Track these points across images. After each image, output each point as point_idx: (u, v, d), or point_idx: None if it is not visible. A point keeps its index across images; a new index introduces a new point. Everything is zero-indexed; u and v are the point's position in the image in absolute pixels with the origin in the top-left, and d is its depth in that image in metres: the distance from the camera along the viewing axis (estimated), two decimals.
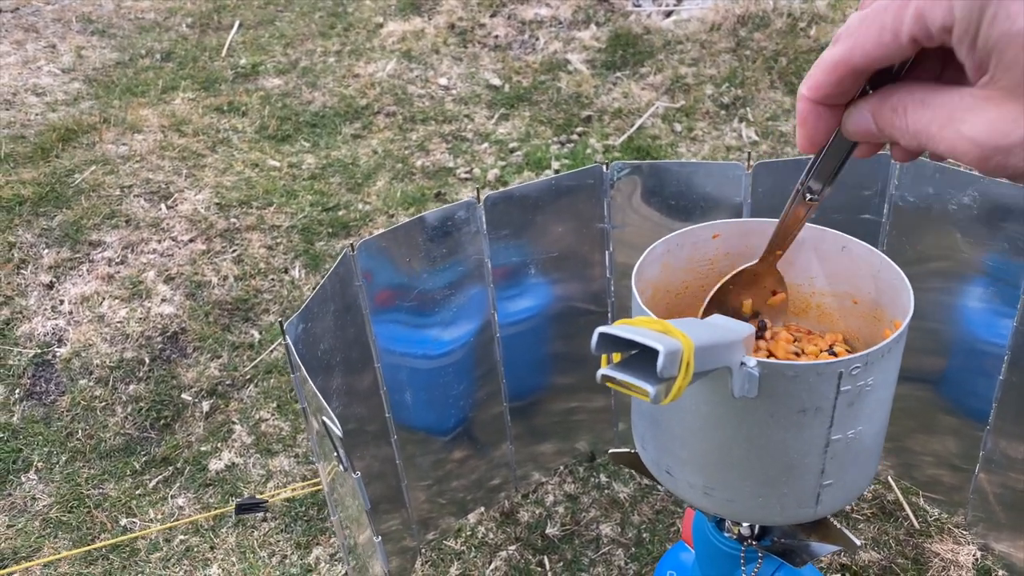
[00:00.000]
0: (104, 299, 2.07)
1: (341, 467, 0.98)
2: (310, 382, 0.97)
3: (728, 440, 0.81)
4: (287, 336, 1.02)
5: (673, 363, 0.56)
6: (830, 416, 0.78)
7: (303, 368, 0.99)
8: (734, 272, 0.91)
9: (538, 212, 1.38)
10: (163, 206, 2.37)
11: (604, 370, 0.59)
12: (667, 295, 1.02)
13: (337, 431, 0.91)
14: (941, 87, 0.38)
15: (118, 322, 2.02)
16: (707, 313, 0.90)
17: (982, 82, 0.35)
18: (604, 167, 1.37)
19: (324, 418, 0.93)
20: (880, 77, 0.42)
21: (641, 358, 0.59)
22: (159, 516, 1.65)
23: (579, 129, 2.77)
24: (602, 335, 0.59)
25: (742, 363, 0.72)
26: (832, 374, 0.76)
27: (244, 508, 1.40)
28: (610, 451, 1.11)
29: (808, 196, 0.65)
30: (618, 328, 0.58)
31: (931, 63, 0.41)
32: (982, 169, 0.36)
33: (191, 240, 2.25)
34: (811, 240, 0.99)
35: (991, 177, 0.36)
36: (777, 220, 0.78)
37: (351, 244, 1.20)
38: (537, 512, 1.61)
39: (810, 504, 0.85)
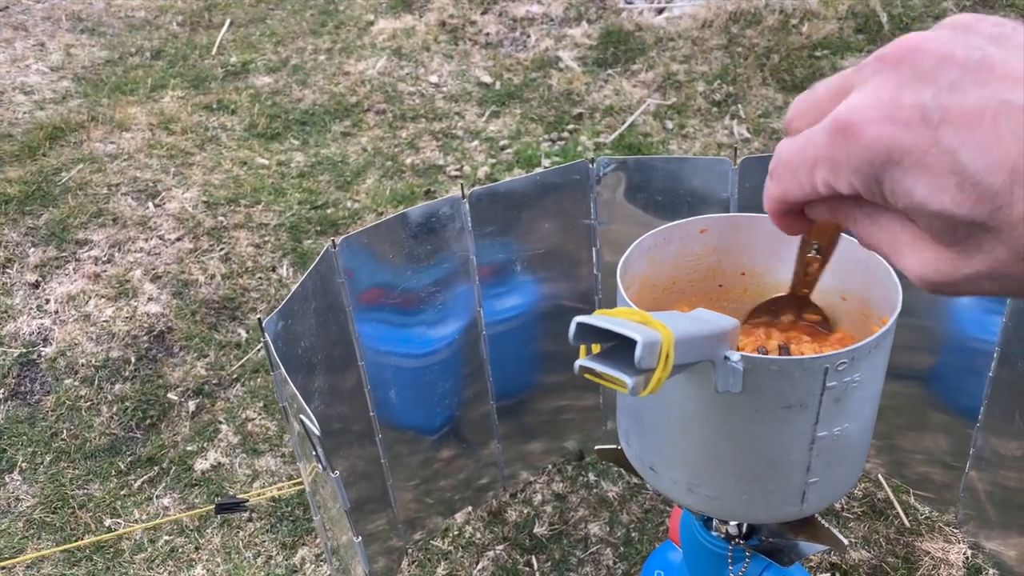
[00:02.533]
0: (90, 298, 2.05)
1: (320, 467, 0.97)
2: (289, 381, 0.96)
3: (712, 436, 0.80)
4: (266, 333, 1.01)
5: (652, 354, 0.55)
6: (816, 412, 0.77)
7: (282, 366, 0.97)
8: (767, 300, 0.90)
9: (524, 208, 1.36)
10: (150, 204, 2.35)
11: (582, 360, 0.58)
12: (654, 290, 1.00)
13: (315, 430, 0.89)
14: (884, 210, 0.38)
15: (104, 321, 2.00)
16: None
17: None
18: (590, 163, 1.36)
19: (302, 416, 0.92)
20: None
21: (620, 349, 0.58)
22: (144, 516, 1.63)
23: (570, 126, 2.75)
24: (580, 325, 0.57)
25: (726, 357, 0.70)
26: (818, 369, 0.74)
27: (224, 508, 1.39)
28: (596, 447, 1.10)
29: (812, 252, 0.64)
30: (596, 318, 0.57)
31: None
32: (937, 294, 0.37)
33: (178, 239, 2.24)
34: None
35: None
36: (765, 215, 0.76)
37: (332, 240, 1.19)
38: (525, 511, 1.60)
39: (796, 502, 0.84)
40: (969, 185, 0.31)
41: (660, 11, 3.25)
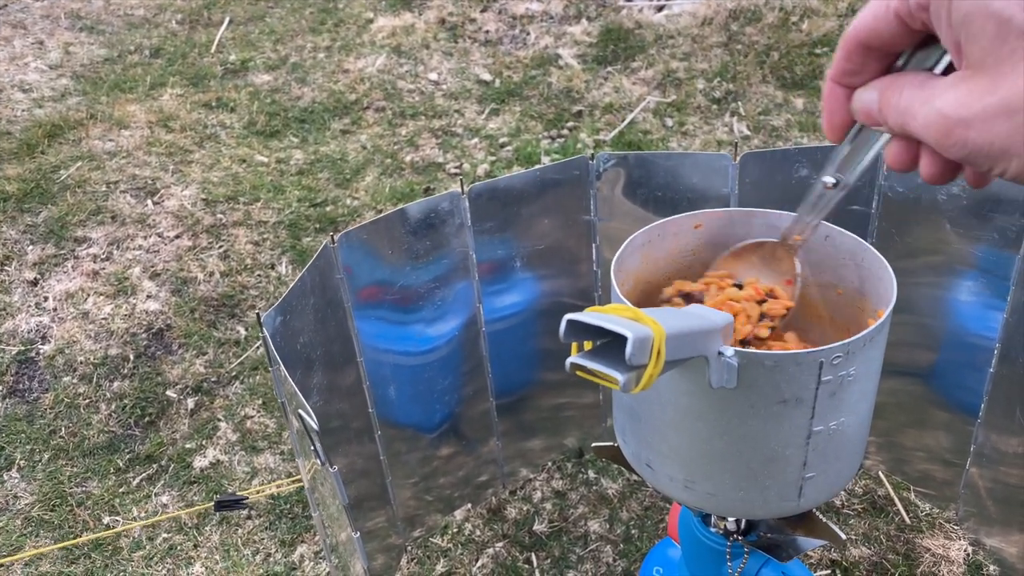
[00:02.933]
0: (89, 296, 2.05)
1: (319, 463, 0.96)
2: (287, 376, 0.95)
3: (708, 432, 0.80)
4: (264, 329, 1.00)
5: (642, 350, 0.55)
6: (811, 407, 0.77)
7: (280, 363, 0.97)
8: (758, 240, 0.89)
9: (523, 204, 1.36)
10: (149, 202, 2.35)
11: (573, 358, 0.58)
12: (648, 286, 1.00)
13: (313, 425, 0.89)
14: (941, 76, 0.39)
15: (103, 319, 2.00)
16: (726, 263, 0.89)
17: (964, 58, 0.36)
18: (590, 159, 1.35)
19: (300, 411, 0.92)
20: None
21: (612, 346, 0.57)
22: (143, 514, 1.63)
23: (570, 124, 2.75)
24: (571, 322, 0.57)
25: (720, 352, 0.70)
26: (812, 363, 0.74)
27: (224, 505, 1.38)
28: (593, 445, 1.10)
29: (832, 183, 0.64)
30: (587, 315, 0.57)
31: None
32: (945, 145, 0.36)
33: (177, 236, 2.23)
34: None
35: (957, 158, 0.37)
36: (758, 210, 0.76)
37: (331, 236, 1.19)
38: (525, 509, 1.60)
39: (792, 497, 0.84)
40: None
41: (660, 8, 3.25)
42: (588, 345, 0.60)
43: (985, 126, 0.34)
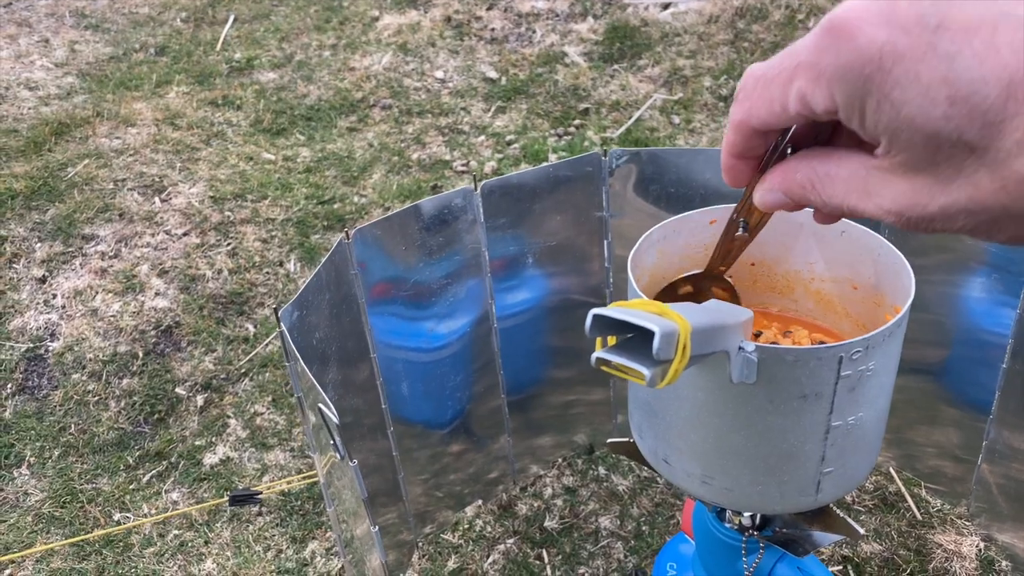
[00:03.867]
0: (97, 293, 2.06)
1: (337, 456, 0.97)
2: (307, 371, 0.96)
3: (726, 427, 0.80)
4: (282, 324, 1.01)
5: (669, 345, 0.55)
6: (830, 402, 0.77)
7: (299, 357, 0.97)
8: (682, 277, 0.88)
9: (536, 200, 1.36)
10: (157, 199, 2.35)
11: (599, 353, 0.58)
12: (664, 282, 1.00)
13: (334, 418, 0.89)
14: (843, 154, 0.38)
15: (111, 316, 2.00)
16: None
17: (880, 152, 0.34)
18: (603, 155, 1.35)
19: (320, 405, 0.92)
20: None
21: (637, 341, 0.57)
22: (153, 511, 1.63)
23: (576, 122, 2.75)
24: (596, 317, 0.57)
25: (740, 348, 0.70)
26: (832, 358, 0.74)
27: (238, 499, 1.39)
28: (608, 441, 1.10)
29: (740, 231, 0.65)
30: (613, 310, 0.56)
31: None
32: (912, 232, 0.36)
33: (185, 233, 2.24)
34: (810, 225, 0.97)
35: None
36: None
37: (346, 232, 1.19)
38: (535, 505, 1.60)
39: (810, 492, 0.84)
40: (961, 98, 0.30)
41: (666, 6, 3.24)
42: (612, 340, 0.60)
43: (948, 222, 0.33)
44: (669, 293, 0.85)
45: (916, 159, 0.33)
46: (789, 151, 0.43)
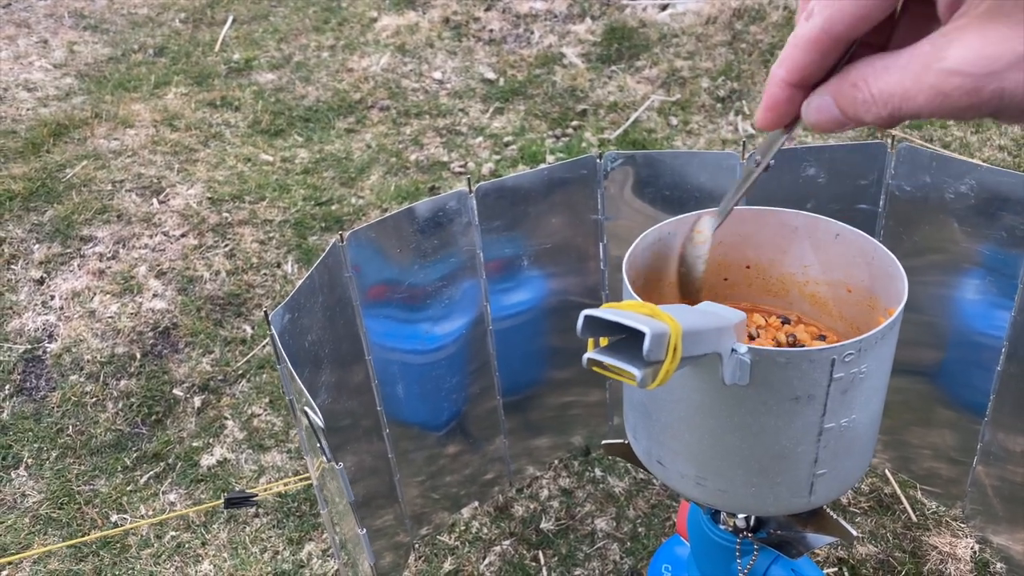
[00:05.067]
0: (95, 294, 2.06)
1: (325, 460, 0.97)
2: (295, 374, 0.96)
3: (720, 429, 0.80)
4: (272, 327, 1.01)
5: (660, 346, 0.55)
6: (823, 404, 0.77)
7: (287, 360, 0.97)
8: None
9: (531, 203, 1.36)
10: (155, 201, 2.36)
11: (590, 353, 0.58)
12: (659, 284, 1.00)
13: (319, 421, 0.89)
14: (906, 48, 0.35)
15: (109, 317, 2.00)
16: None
17: (958, 14, 0.33)
18: (598, 157, 1.35)
19: (306, 408, 0.92)
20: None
21: (628, 342, 0.57)
22: (150, 512, 1.64)
23: (574, 123, 2.75)
24: (588, 318, 0.57)
25: (733, 350, 0.70)
26: (825, 361, 0.74)
27: (233, 502, 1.39)
28: (603, 442, 1.10)
29: (757, 168, 0.67)
30: (604, 311, 0.57)
31: (906, 36, 0.39)
32: (974, 105, 0.32)
33: (183, 235, 2.24)
34: (805, 228, 0.98)
35: (985, 115, 0.33)
36: (769, 208, 0.76)
37: (340, 235, 1.19)
38: (532, 507, 1.60)
39: (803, 494, 0.84)
40: None
41: (664, 7, 3.25)
42: (604, 341, 0.60)
43: (1013, 78, 0.31)
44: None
45: (995, 3, 0.31)
46: None
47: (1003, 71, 0.31)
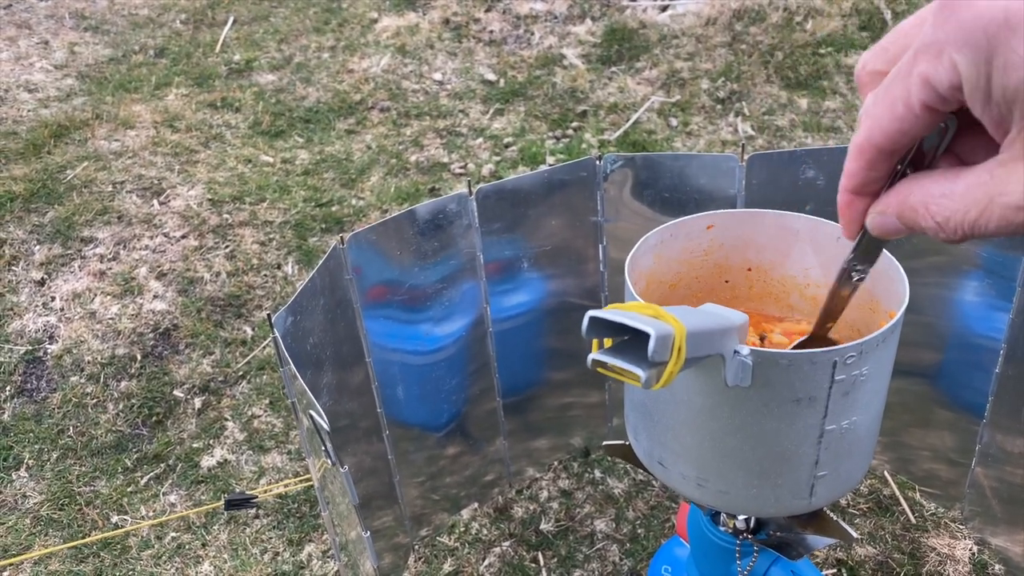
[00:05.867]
0: (96, 295, 2.06)
1: (329, 462, 0.97)
2: (299, 376, 0.96)
3: (721, 430, 0.80)
4: (275, 329, 1.01)
5: (664, 347, 0.55)
6: (824, 406, 0.77)
7: (291, 362, 0.98)
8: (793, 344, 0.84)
9: (531, 205, 1.37)
10: (155, 202, 2.36)
11: (595, 355, 0.58)
12: (661, 286, 1.01)
13: (324, 425, 0.90)
14: (960, 171, 0.36)
15: (110, 319, 2.01)
16: None
17: (1008, 140, 0.33)
18: (597, 160, 1.36)
19: (311, 412, 0.92)
20: (919, 159, 0.40)
21: (632, 343, 0.58)
22: (151, 513, 1.64)
23: (574, 124, 2.76)
24: (593, 319, 0.57)
25: (736, 351, 0.71)
26: (827, 363, 0.75)
27: (233, 503, 1.39)
28: (604, 443, 1.10)
29: (855, 276, 0.61)
30: (609, 312, 0.57)
31: (971, 137, 0.39)
32: None
33: (183, 236, 2.24)
34: (806, 231, 0.98)
35: None
36: (770, 211, 0.76)
37: (341, 237, 1.19)
38: (531, 508, 1.60)
39: (804, 495, 0.84)
40: None
41: (664, 8, 3.25)
42: (608, 342, 0.61)
43: None
44: None
45: None
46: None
47: None
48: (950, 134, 0.39)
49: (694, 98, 2.82)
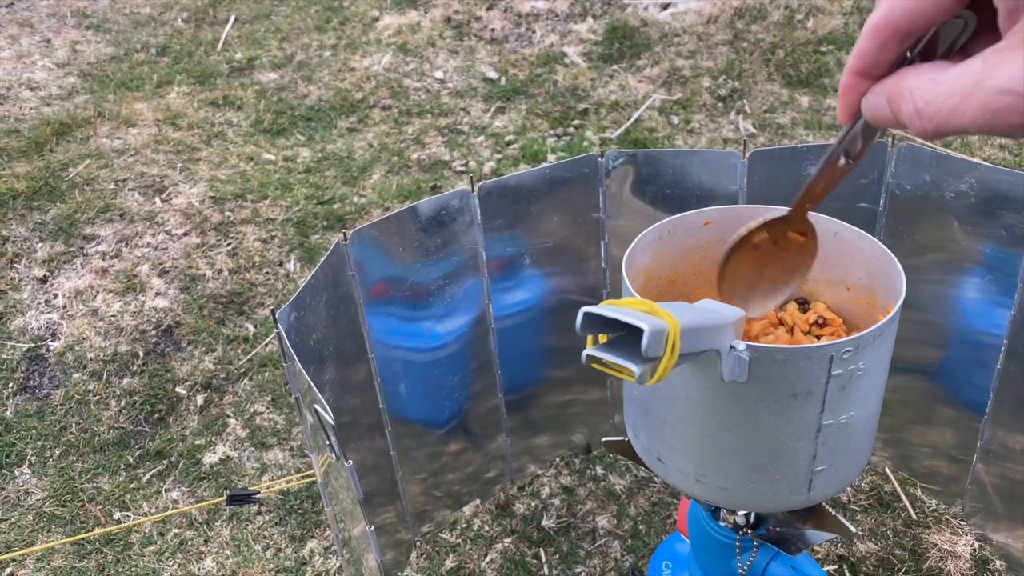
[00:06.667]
0: (98, 293, 2.06)
1: (334, 457, 0.97)
2: (303, 372, 0.96)
3: (719, 426, 0.81)
4: (279, 325, 1.01)
5: (658, 343, 0.56)
6: (821, 401, 0.78)
7: (295, 358, 0.98)
8: (760, 222, 0.78)
9: (533, 202, 1.37)
10: (157, 200, 2.36)
11: (589, 350, 0.58)
12: (659, 282, 1.01)
13: (329, 419, 0.90)
14: (955, 63, 0.35)
15: (112, 316, 2.01)
16: (726, 263, 0.78)
17: (1014, 30, 0.33)
18: (599, 156, 1.36)
19: (316, 406, 0.93)
20: (930, 52, 0.40)
21: (627, 339, 0.58)
22: (153, 510, 1.64)
23: (576, 122, 2.76)
24: (587, 315, 0.58)
25: (732, 347, 0.71)
26: (823, 358, 0.75)
27: (236, 499, 1.40)
28: (604, 440, 1.11)
29: (843, 160, 0.61)
30: (603, 308, 0.57)
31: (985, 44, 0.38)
32: (1007, 127, 0.33)
33: (185, 234, 2.25)
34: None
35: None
36: (768, 207, 0.76)
37: (344, 233, 1.20)
38: (533, 504, 1.60)
39: (802, 490, 0.84)
40: None
41: (665, 6, 3.25)
42: (603, 338, 0.61)
43: None
44: (744, 245, 0.77)
45: None
46: None
47: None
48: (968, 32, 0.39)
49: (695, 96, 2.82)
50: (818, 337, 0.94)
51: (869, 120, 0.42)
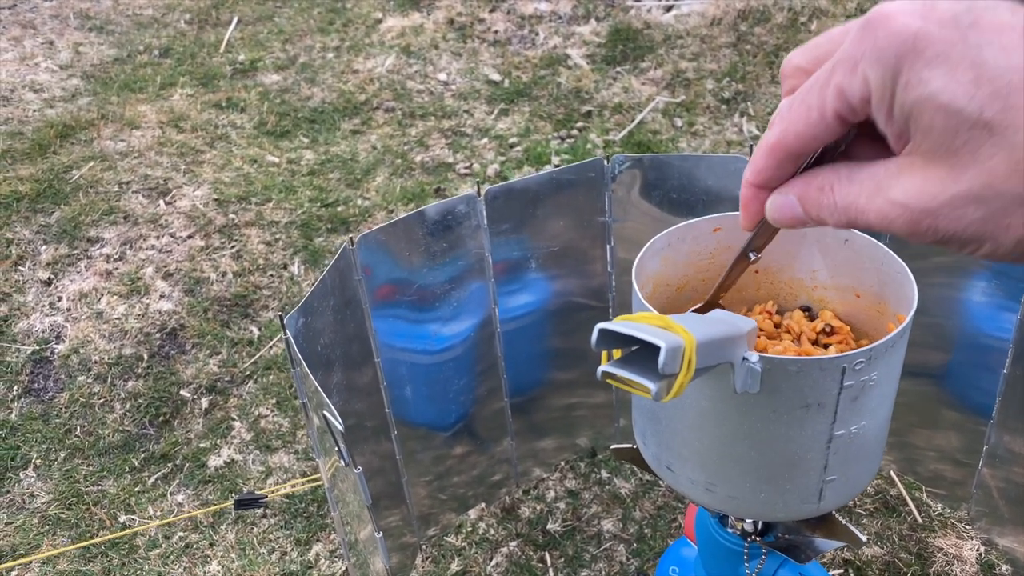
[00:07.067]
0: (102, 295, 2.06)
1: (342, 462, 0.97)
2: (311, 377, 0.96)
3: (730, 436, 0.81)
4: (287, 330, 1.01)
5: (675, 360, 0.55)
6: (833, 411, 0.77)
7: (304, 363, 0.98)
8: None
9: (539, 206, 1.37)
10: (161, 202, 2.36)
11: (605, 367, 0.58)
12: (668, 289, 1.01)
13: (338, 425, 0.90)
14: (868, 163, 0.38)
15: (116, 319, 2.01)
16: None
17: (906, 151, 0.36)
18: (605, 160, 1.36)
19: (325, 412, 0.93)
20: (820, 159, 0.43)
21: (642, 354, 0.58)
22: (158, 513, 1.64)
23: (579, 124, 2.76)
24: (602, 331, 0.58)
25: (744, 358, 0.71)
26: (835, 369, 0.75)
27: (243, 503, 1.40)
28: (612, 447, 1.10)
29: (751, 257, 0.66)
30: (619, 324, 0.57)
31: (865, 146, 0.42)
32: (913, 234, 0.36)
33: (189, 236, 2.25)
34: (813, 233, 0.98)
35: (927, 243, 0.37)
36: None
37: (351, 238, 1.19)
38: (538, 508, 1.61)
39: (813, 500, 0.84)
40: (986, 79, 0.32)
41: (669, 9, 3.25)
42: (617, 353, 0.61)
43: (955, 215, 0.34)
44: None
45: (935, 146, 0.34)
46: None
47: (938, 210, 0.34)
48: (849, 138, 0.42)
49: (699, 98, 2.82)
50: (825, 346, 0.94)
51: (775, 223, 0.44)
